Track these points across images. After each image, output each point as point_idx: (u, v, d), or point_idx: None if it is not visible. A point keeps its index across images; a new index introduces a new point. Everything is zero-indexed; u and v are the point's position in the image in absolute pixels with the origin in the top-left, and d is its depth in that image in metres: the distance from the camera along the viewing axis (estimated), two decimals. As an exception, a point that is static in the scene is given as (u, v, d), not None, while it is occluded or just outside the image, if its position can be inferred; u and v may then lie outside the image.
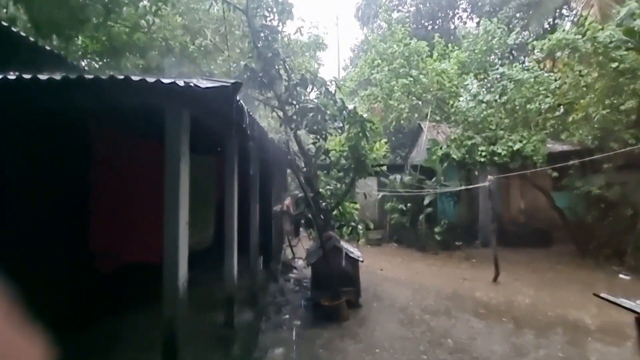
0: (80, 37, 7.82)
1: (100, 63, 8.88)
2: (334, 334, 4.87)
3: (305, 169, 6.25)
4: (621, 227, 8.43)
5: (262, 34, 5.67)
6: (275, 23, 5.97)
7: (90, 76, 2.58)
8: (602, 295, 2.57)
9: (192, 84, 2.50)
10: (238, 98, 3.23)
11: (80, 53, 8.11)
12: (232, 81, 2.83)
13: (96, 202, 4.59)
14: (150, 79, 2.52)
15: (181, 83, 2.49)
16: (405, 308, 5.95)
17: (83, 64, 8.08)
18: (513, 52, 15.64)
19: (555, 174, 9.13)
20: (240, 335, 4.23)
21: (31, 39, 4.20)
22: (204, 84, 2.61)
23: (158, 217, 2.76)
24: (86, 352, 3.37)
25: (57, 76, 2.53)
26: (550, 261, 9.02)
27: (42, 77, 2.49)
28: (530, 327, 5.12)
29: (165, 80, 2.50)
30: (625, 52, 7.52)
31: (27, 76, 2.48)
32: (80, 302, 3.94)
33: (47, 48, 4.44)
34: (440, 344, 4.59)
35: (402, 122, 14.32)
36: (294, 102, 5.86)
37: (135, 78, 2.52)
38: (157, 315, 2.66)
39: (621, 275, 7.61)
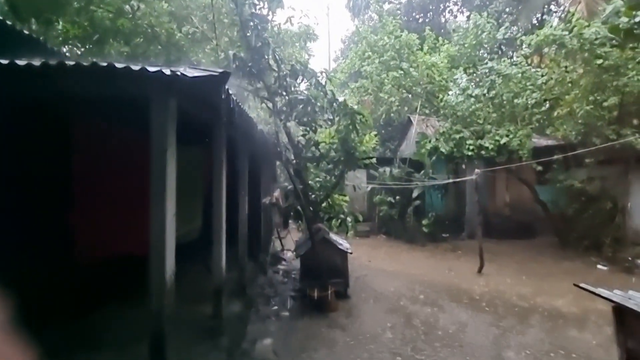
0: (60, 22, 7.50)
1: (82, 49, 8.55)
2: (322, 324, 4.93)
3: (294, 161, 6.22)
4: (600, 220, 8.75)
5: (251, 23, 5.55)
6: (265, 12, 5.85)
7: (72, 62, 2.48)
8: (582, 285, 2.67)
9: (179, 73, 2.44)
10: (227, 88, 3.17)
11: (60, 39, 7.79)
12: (221, 70, 2.77)
13: (79, 193, 4.47)
14: (135, 67, 2.44)
15: (168, 72, 2.43)
16: (393, 298, 6.06)
17: (64, 50, 7.77)
18: (502, 46, 15.77)
19: (539, 168, 9.36)
20: (228, 327, 4.23)
21: (8, 22, 4.01)
22: (192, 73, 2.54)
23: (144, 209, 2.71)
24: (71, 346, 3.33)
25: (36, 62, 2.43)
26: (532, 252, 9.30)
27: (20, 62, 2.39)
28: (512, 316, 5.29)
29: (151, 69, 2.43)
30: (610, 49, 7.69)
31: (3, 61, 2.37)
32: (63, 296, 3.86)
33: (26, 32, 4.25)
34: (427, 333, 4.71)
35: (392, 115, 14.38)
36: (284, 93, 5.79)
37: (119, 65, 2.43)
38: (144, 308, 2.63)
39: (599, 266, 7.91)
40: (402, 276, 7.44)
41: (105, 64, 2.45)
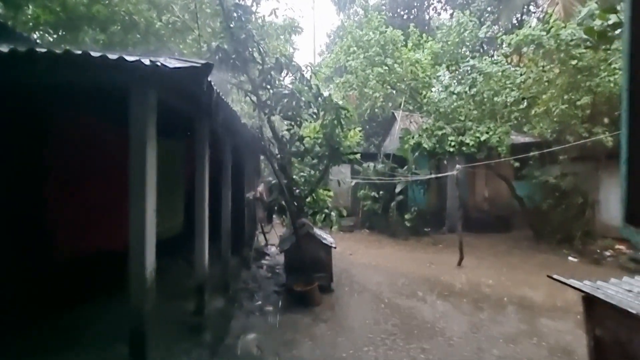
0: (30, 6, 7.10)
1: (54, 36, 8.14)
2: (306, 318, 4.96)
3: (279, 156, 6.17)
4: (572, 214, 9.17)
5: (235, 14, 5.43)
6: (249, 2, 5.74)
7: (43, 50, 2.35)
8: (554, 276, 2.79)
9: (159, 63, 2.36)
10: (209, 80, 3.10)
11: (30, 24, 7.38)
12: (203, 62, 2.70)
13: (55, 188, 4.29)
14: (112, 56, 2.34)
15: (147, 62, 2.35)
16: (376, 291, 6.16)
17: (34, 36, 7.37)
18: (484, 45, 16.15)
19: (517, 164, 9.68)
20: (211, 323, 4.19)
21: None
22: (172, 63, 2.47)
23: (124, 204, 2.63)
24: (50, 345, 3.22)
25: (4, 48, 2.29)
26: (509, 245, 9.65)
27: (-14, 48, 2.25)
28: (489, 306, 5.50)
29: (129, 58, 2.34)
30: (584, 51, 7.99)
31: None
32: (41, 294, 3.72)
33: (-8, 16, 4.00)
34: (408, 324, 4.82)
35: (376, 110, 14.49)
36: (268, 87, 5.72)
37: (94, 54, 2.33)
38: (125, 305, 2.57)
39: (570, 258, 8.30)
40: (385, 270, 7.57)
41: (79, 53, 2.34)
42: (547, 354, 4.03)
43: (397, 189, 11.35)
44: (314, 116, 6.36)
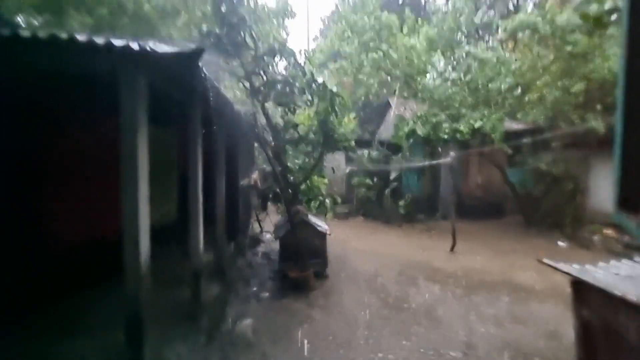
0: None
1: (39, 20, 7.83)
2: (301, 303, 5.04)
3: (273, 143, 6.12)
4: (562, 200, 9.34)
5: (226, -4, 5.26)
6: (240, -15, 5.55)
7: (27, 33, 2.26)
8: (544, 260, 2.85)
9: (148, 48, 2.29)
10: (201, 66, 3.02)
11: (14, 8, 7.08)
12: (194, 47, 2.63)
13: (47, 176, 4.21)
14: (100, 40, 2.26)
15: (136, 46, 2.27)
16: (370, 277, 6.25)
17: (18, 20, 7.09)
18: (479, 30, 15.97)
19: (509, 151, 9.76)
20: (207, 309, 4.23)
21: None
22: (162, 48, 2.40)
23: (117, 192, 2.59)
24: (46, 332, 3.23)
25: (-15, 31, 2.20)
26: (500, 231, 9.83)
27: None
28: (480, 290, 5.63)
29: (118, 42, 2.26)
30: (579, 37, 7.97)
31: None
32: (35, 283, 3.70)
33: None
34: (401, 308, 4.93)
35: (370, 97, 14.39)
36: (262, 73, 5.61)
37: (81, 38, 2.25)
38: (120, 293, 2.57)
39: (560, 243, 8.50)
40: (379, 256, 7.67)
41: (65, 36, 2.26)
42: (535, 334, 4.16)
43: (392, 176, 11.41)
44: (308, 103, 6.28)
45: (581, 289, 2.67)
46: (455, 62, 10.46)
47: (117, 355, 2.60)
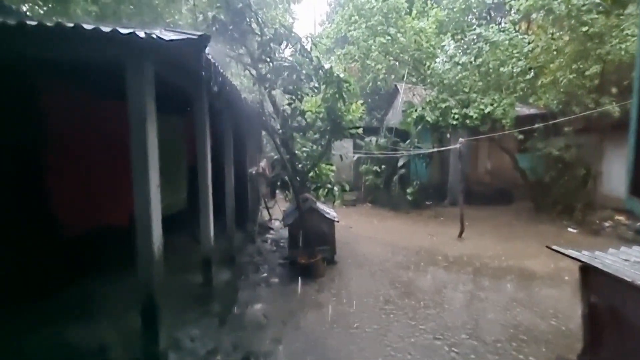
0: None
1: (44, 8, 7.84)
2: (310, 289, 5.13)
3: (280, 131, 6.11)
4: (574, 186, 9.18)
5: (231, -19, 5.17)
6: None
7: (33, 22, 2.28)
8: (553, 246, 2.84)
9: (154, 36, 2.29)
10: (207, 53, 3.01)
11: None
12: (200, 34, 2.61)
13: (61, 165, 4.31)
14: (106, 28, 2.27)
15: (142, 34, 2.27)
16: (378, 263, 6.31)
17: (24, 9, 7.10)
18: (491, 12, 15.44)
19: (520, 136, 9.56)
20: (219, 294, 4.35)
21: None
22: (168, 35, 2.39)
23: (129, 180, 2.65)
24: (64, 316, 3.36)
25: (-6, 22, 2.22)
26: (509, 217, 9.76)
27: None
28: (487, 276, 5.65)
29: (123, 30, 2.27)
30: (596, 16, 7.65)
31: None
32: (52, 269, 3.83)
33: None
34: (409, 293, 4.98)
35: (378, 83, 14.17)
36: (268, 60, 5.56)
37: (87, 26, 2.26)
38: (133, 279, 2.65)
39: (569, 229, 8.41)
40: (387, 242, 7.71)
41: (71, 25, 2.27)
42: (541, 320, 4.18)
43: (400, 163, 11.33)
44: (315, 90, 6.23)
45: (590, 275, 2.66)
46: (465, 45, 10.18)
47: (134, 337, 2.70)
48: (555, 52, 8.78)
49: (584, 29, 7.72)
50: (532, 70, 9.48)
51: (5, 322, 3.16)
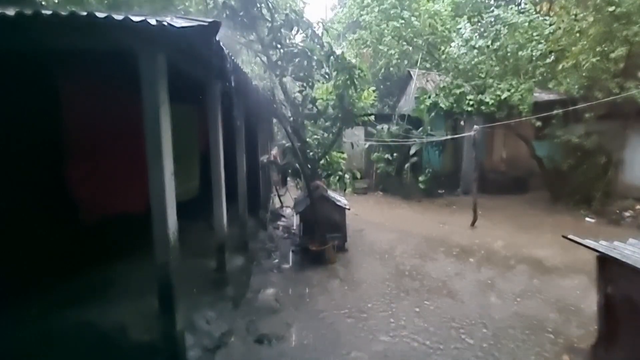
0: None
1: (58, -1, 7.90)
2: (321, 275, 5.20)
3: (291, 118, 6.10)
4: (593, 175, 8.88)
5: (241, -34, 5.09)
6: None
7: (48, 12, 2.31)
8: (570, 236, 2.79)
9: (165, 23, 2.29)
10: (217, 40, 3.00)
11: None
12: (210, 20, 2.60)
13: (76, 153, 4.43)
14: (118, 17, 2.28)
15: (153, 22, 2.28)
16: (388, 251, 6.33)
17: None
18: (510, -8, 14.77)
19: (538, 123, 9.26)
20: (232, 279, 4.46)
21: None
22: (179, 23, 2.38)
23: (142, 167, 2.70)
24: (83, 298, 3.51)
25: (10, 11, 2.26)
26: (525, 206, 9.57)
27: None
28: (500, 265, 5.59)
29: (136, 18, 2.27)
30: (624, -5, 7.24)
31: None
32: (69, 254, 3.99)
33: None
34: (419, 281, 5.00)
35: (391, 69, 13.87)
36: (279, 46, 5.50)
37: (100, 15, 2.27)
38: (150, 264, 2.74)
39: (587, 219, 8.20)
40: (398, 230, 7.70)
41: (85, 14, 2.29)
42: (553, 310, 4.14)
43: (412, 151, 11.18)
44: (327, 76, 6.15)
45: (607, 265, 2.61)
46: (482, 28, 9.80)
47: (152, 319, 2.81)
48: (578, 34, 8.38)
49: (611, 8, 7.32)
50: (553, 54, 9.09)
51: (30, 304, 3.33)
